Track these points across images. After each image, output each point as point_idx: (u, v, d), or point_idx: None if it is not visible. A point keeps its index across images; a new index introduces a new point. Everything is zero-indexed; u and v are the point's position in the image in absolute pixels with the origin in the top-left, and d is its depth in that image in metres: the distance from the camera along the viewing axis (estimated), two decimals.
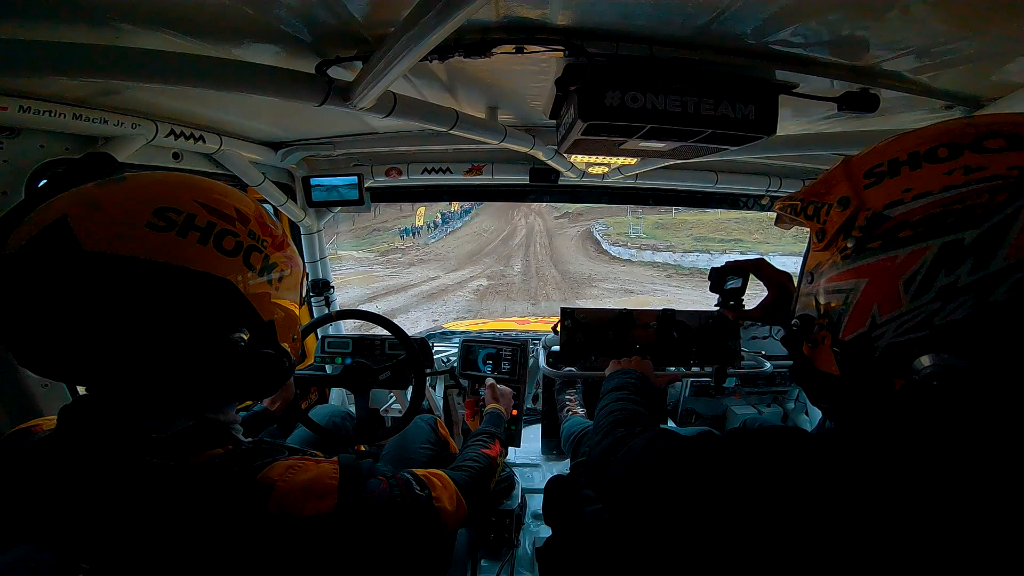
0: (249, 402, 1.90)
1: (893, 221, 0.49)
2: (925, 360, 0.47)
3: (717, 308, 1.19)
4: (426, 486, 0.88)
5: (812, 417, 2.64)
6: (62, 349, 0.64)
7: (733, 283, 1.16)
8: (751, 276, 1.15)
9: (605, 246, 29.94)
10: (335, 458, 0.76)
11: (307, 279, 0.92)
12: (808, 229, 0.69)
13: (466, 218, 42.42)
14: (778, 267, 1.06)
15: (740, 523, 0.57)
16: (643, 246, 27.44)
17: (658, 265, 24.17)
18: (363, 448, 2.09)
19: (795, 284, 0.98)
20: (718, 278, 1.15)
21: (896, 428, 0.56)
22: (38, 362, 0.66)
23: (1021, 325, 0.42)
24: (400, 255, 30.30)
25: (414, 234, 37.70)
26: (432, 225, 40.27)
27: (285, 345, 0.83)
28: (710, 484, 0.62)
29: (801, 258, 0.86)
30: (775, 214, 0.81)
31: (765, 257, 1.08)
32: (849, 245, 0.54)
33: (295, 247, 0.87)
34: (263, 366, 0.78)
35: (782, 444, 0.59)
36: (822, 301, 0.60)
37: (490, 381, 1.72)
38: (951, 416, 0.50)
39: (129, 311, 0.64)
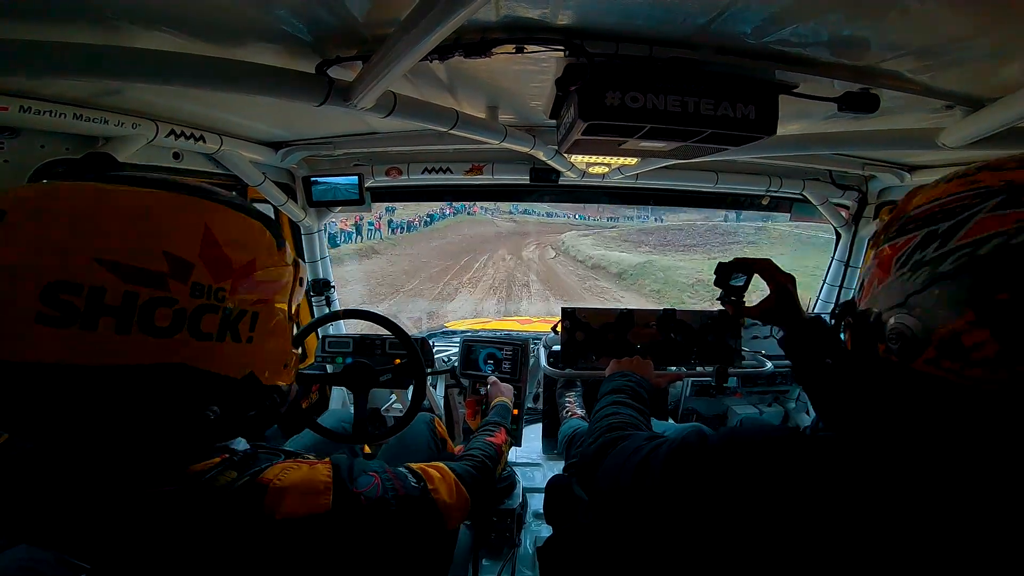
0: None
1: (910, 218, 0.59)
2: (891, 321, 0.56)
3: (719, 301, 1.19)
4: (421, 478, 0.85)
5: (813, 416, 2.64)
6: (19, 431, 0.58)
7: (737, 280, 1.16)
8: (756, 276, 1.15)
9: None
10: (327, 459, 0.75)
11: (304, 279, 0.79)
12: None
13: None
14: (785, 270, 1.07)
15: (731, 527, 0.60)
16: None
17: None
18: (368, 450, 2.09)
19: (796, 289, 1.00)
20: (723, 273, 1.15)
21: (879, 423, 0.61)
22: None
23: (954, 289, 0.51)
24: None
25: None
26: None
27: (277, 382, 0.73)
28: (700, 488, 0.65)
29: None
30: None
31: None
32: (882, 239, 0.64)
33: (283, 249, 0.70)
34: (248, 421, 0.71)
35: (775, 447, 0.61)
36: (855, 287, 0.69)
37: (493, 378, 1.73)
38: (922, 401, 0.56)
39: (61, 415, 0.54)
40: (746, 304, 1.16)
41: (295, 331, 0.79)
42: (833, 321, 0.79)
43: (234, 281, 0.60)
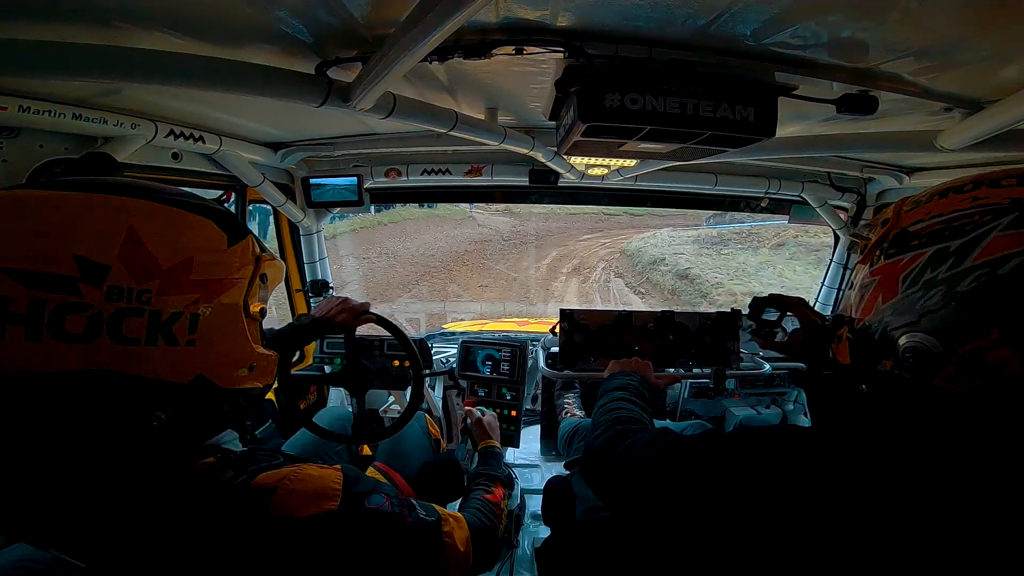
0: None
1: (909, 234, 0.60)
2: (903, 340, 0.56)
3: (751, 334, 1.24)
4: (435, 513, 0.83)
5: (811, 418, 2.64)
6: None
7: (769, 315, 1.20)
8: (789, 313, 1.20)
9: None
10: (338, 466, 0.74)
11: (267, 276, 0.73)
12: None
13: None
14: (817, 310, 1.11)
15: (743, 517, 0.61)
16: None
17: None
18: (369, 452, 2.09)
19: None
20: (757, 307, 1.20)
21: (877, 421, 0.63)
22: None
23: (976, 308, 0.51)
24: None
25: None
26: None
27: (243, 385, 0.69)
28: (717, 480, 0.66)
29: None
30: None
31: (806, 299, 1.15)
32: (878, 254, 0.64)
33: (240, 245, 0.66)
34: (212, 421, 0.69)
35: (787, 442, 0.64)
36: (850, 300, 0.70)
37: (476, 416, 1.62)
38: (922, 406, 0.57)
39: None
40: (776, 339, 1.20)
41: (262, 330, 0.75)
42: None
43: (163, 282, 0.56)
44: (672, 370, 2.07)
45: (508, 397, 2.23)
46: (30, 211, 0.53)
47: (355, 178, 2.11)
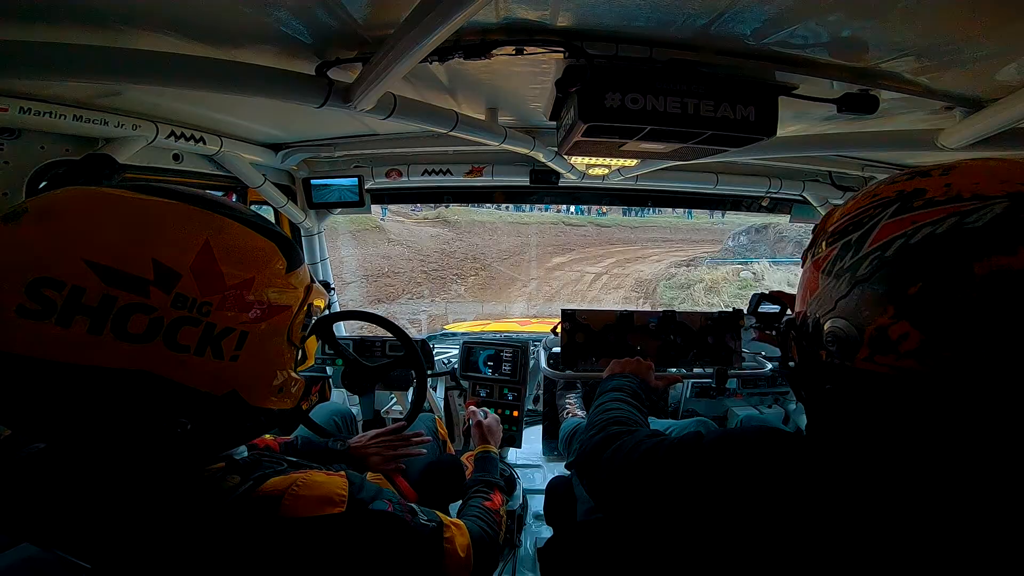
0: None
1: (828, 233, 0.66)
2: (826, 326, 0.61)
3: (753, 329, 1.28)
4: (437, 519, 0.83)
5: None
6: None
7: (767, 308, 1.24)
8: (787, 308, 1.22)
9: None
10: (342, 472, 0.75)
11: (312, 306, 0.75)
12: None
13: None
14: None
15: (720, 520, 0.64)
16: None
17: None
18: None
19: None
20: (756, 302, 1.25)
21: (821, 413, 0.68)
22: None
23: (873, 289, 0.56)
24: None
25: None
26: None
27: (271, 402, 0.70)
28: (693, 483, 0.69)
29: None
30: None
31: None
32: (809, 256, 0.71)
33: (295, 272, 0.69)
34: (232, 435, 0.70)
35: (760, 445, 0.67)
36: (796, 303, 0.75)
37: (476, 419, 1.57)
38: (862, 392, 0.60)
39: (35, 408, 0.54)
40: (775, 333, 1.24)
41: (301, 357, 0.77)
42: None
43: (223, 297, 0.59)
44: (674, 370, 2.07)
45: (510, 397, 2.23)
46: (121, 210, 0.56)
47: (356, 179, 2.11)
